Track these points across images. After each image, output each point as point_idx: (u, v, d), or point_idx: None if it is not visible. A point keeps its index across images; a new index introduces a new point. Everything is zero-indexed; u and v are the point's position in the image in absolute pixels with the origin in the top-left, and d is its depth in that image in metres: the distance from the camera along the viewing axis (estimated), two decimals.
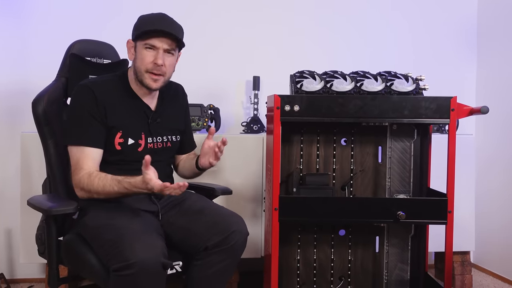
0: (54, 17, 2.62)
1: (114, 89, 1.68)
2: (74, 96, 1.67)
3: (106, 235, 1.49)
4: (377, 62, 2.82)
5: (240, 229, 1.62)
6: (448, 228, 1.81)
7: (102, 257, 1.50)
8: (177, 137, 1.82)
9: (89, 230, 1.58)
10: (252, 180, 2.43)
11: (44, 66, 2.44)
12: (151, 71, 1.64)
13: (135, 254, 1.38)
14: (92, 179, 1.56)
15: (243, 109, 2.83)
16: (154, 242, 1.46)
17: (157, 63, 1.63)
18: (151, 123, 1.72)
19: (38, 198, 1.66)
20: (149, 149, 1.71)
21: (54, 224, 1.59)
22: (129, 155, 1.68)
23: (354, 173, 2.02)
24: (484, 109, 1.80)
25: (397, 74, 1.99)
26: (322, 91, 1.90)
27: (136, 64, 1.66)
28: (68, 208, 1.55)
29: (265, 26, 2.83)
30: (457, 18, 3.00)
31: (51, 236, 1.60)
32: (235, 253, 1.62)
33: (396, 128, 2.00)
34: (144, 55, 1.63)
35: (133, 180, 1.52)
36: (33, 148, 2.21)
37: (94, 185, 1.55)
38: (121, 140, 1.66)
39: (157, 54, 1.63)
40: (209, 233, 1.59)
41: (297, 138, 2.01)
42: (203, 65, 2.77)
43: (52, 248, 1.60)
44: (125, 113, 1.68)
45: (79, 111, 1.63)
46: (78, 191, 1.61)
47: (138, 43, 1.64)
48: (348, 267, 2.05)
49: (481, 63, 3.00)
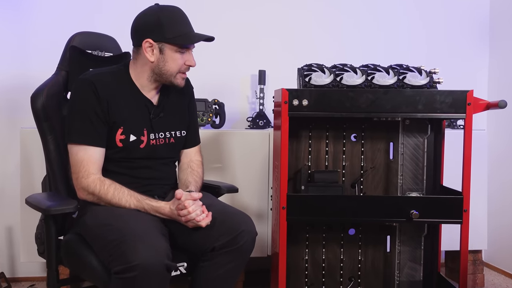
0: (54, 9, 2.55)
1: (115, 83, 1.62)
2: (75, 91, 1.61)
3: (107, 236, 1.43)
4: (388, 54, 2.75)
5: (249, 229, 1.55)
6: (463, 228, 1.74)
7: (103, 259, 1.44)
8: (181, 132, 1.74)
9: (89, 229, 1.52)
10: (258, 176, 2.37)
11: (44, 59, 2.38)
12: (184, 71, 1.64)
13: (138, 256, 1.32)
14: (107, 189, 1.53)
15: (248, 104, 2.76)
16: (158, 243, 1.39)
17: (192, 65, 1.64)
18: (153, 118, 1.66)
19: (37, 197, 1.60)
20: (152, 145, 1.65)
21: (53, 223, 1.53)
22: (131, 152, 1.61)
23: (364, 170, 1.95)
24: (502, 103, 1.73)
25: (409, 67, 1.91)
26: (331, 84, 1.83)
27: (165, 67, 1.61)
28: (68, 207, 1.49)
29: (270, 19, 2.76)
30: (470, 10, 2.92)
31: (50, 236, 1.53)
32: (244, 254, 1.55)
33: (409, 123, 1.93)
34: (176, 58, 1.61)
35: (157, 205, 1.55)
36: (33, 144, 2.15)
37: (108, 196, 1.53)
38: (123, 136, 1.59)
39: (190, 56, 1.64)
40: (216, 233, 1.52)
41: (305, 134, 1.94)
42: (208, 59, 2.69)
43: (51, 249, 1.54)
44: (127, 108, 1.61)
45: (81, 107, 1.57)
46: (84, 194, 1.56)
47: (168, 46, 1.59)
48: (358, 268, 1.98)
49: (494, 56, 2.91)
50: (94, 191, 1.54)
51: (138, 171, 1.64)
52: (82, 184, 1.55)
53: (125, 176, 1.62)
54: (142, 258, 1.32)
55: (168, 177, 1.74)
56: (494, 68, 2.92)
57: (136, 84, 1.64)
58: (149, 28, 1.58)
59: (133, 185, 1.59)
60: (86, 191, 1.55)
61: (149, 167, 1.66)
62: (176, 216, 1.54)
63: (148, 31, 1.58)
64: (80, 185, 1.55)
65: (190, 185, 1.68)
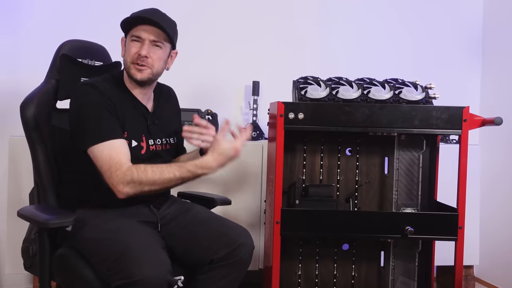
0: (45, 16, 2.51)
1: (114, 89, 1.58)
2: (79, 96, 1.54)
3: (108, 249, 1.38)
4: (376, 68, 2.74)
5: (248, 242, 1.54)
6: (458, 245, 1.73)
7: (102, 273, 1.39)
8: (174, 139, 1.73)
9: (88, 243, 1.46)
10: (250, 189, 2.34)
11: (34, 65, 2.34)
12: (136, 61, 1.55)
13: (140, 271, 1.29)
14: (143, 169, 1.44)
15: (242, 114, 2.74)
16: (160, 258, 1.36)
17: (140, 54, 1.54)
18: (150, 125, 1.63)
19: (30, 209, 1.54)
20: (152, 151, 1.62)
21: (48, 237, 1.48)
22: (133, 158, 1.55)
23: (359, 184, 1.93)
24: (498, 120, 1.72)
25: (405, 82, 1.90)
26: (327, 98, 1.81)
27: (124, 57, 1.59)
28: (67, 220, 1.43)
29: (264, 31, 2.74)
30: (462, 25, 2.93)
31: (44, 251, 1.48)
32: (242, 267, 1.53)
33: (404, 139, 1.91)
34: (130, 46, 1.57)
35: (199, 162, 1.48)
36: (22, 153, 2.10)
37: (149, 174, 1.44)
38: (127, 142, 1.55)
39: (142, 45, 1.55)
40: (215, 246, 1.49)
41: (300, 147, 1.92)
42: (201, 69, 2.68)
43: (44, 264, 1.48)
44: (127, 114, 1.58)
45: (92, 107, 1.51)
46: (123, 187, 1.44)
47: (128, 37, 1.58)
48: (351, 283, 1.95)
49: (486, 71, 2.92)
50: (133, 177, 1.43)
51: None
52: (118, 177, 1.43)
53: None
54: (144, 273, 1.28)
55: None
56: (486, 83, 2.93)
57: (130, 90, 1.62)
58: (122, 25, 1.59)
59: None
60: (124, 182, 1.43)
61: None
62: (225, 158, 1.51)
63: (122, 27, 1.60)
64: (117, 179, 1.43)
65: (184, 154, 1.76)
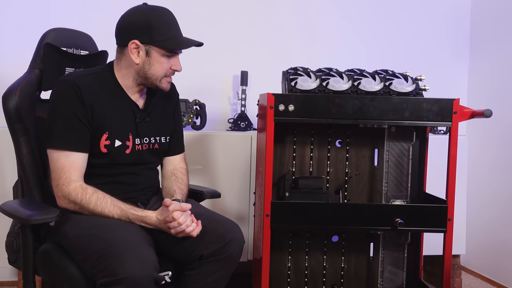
0: (27, 3, 2.43)
1: (100, 85, 1.53)
2: (56, 93, 1.50)
3: (91, 246, 1.35)
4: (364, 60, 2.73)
5: (238, 237, 1.51)
6: (447, 237, 1.74)
7: (87, 270, 1.37)
8: (166, 138, 1.67)
9: (71, 240, 1.43)
10: (239, 180, 2.32)
11: (17, 54, 2.28)
12: (169, 76, 1.57)
13: (125, 269, 1.26)
14: (89, 198, 1.45)
15: (230, 105, 2.71)
16: (146, 255, 1.33)
17: (178, 70, 1.57)
18: (139, 122, 1.58)
19: (12, 204, 1.50)
20: (137, 151, 1.58)
21: (31, 233, 1.44)
22: (116, 158, 1.53)
23: (349, 176, 1.92)
24: (488, 112, 1.72)
25: (395, 73, 1.89)
26: (317, 90, 1.79)
27: (150, 70, 1.53)
28: (50, 216, 1.40)
29: (253, 20, 2.70)
30: (450, 14, 2.93)
31: (28, 247, 1.44)
32: (232, 263, 1.50)
33: (394, 131, 1.91)
34: (163, 62, 1.53)
35: (142, 214, 1.47)
36: (5, 145, 2.04)
37: (91, 205, 1.45)
38: (107, 142, 1.51)
39: (176, 60, 1.57)
40: (204, 241, 1.47)
41: (290, 139, 1.90)
42: (189, 59, 2.59)
43: (28, 260, 1.45)
44: (112, 112, 1.53)
45: (63, 111, 1.47)
46: (65, 202, 1.47)
47: (155, 49, 1.51)
48: (341, 275, 1.96)
49: (474, 61, 2.93)
50: (76, 199, 1.45)
51: (121, 177, 1.57)
52: (63, 191, 1.46)
53: (108, 182, 1.54)
54: (129, 271, 1.26)
55: (151, 183, 1.67)
56: (474, 74, 2.94)
57: (121, 85, 1.57)
58: (136, 29, 1.50)
59: (116, 191, 1.51)
60: (67, 199, 1.46)
61: (132, 173, 1.59)
62: (164, 227, 1.47)
63: (136, 31, 1.50)
64: (61, 193, 1.46)
65: (175, 193, 1.61)
